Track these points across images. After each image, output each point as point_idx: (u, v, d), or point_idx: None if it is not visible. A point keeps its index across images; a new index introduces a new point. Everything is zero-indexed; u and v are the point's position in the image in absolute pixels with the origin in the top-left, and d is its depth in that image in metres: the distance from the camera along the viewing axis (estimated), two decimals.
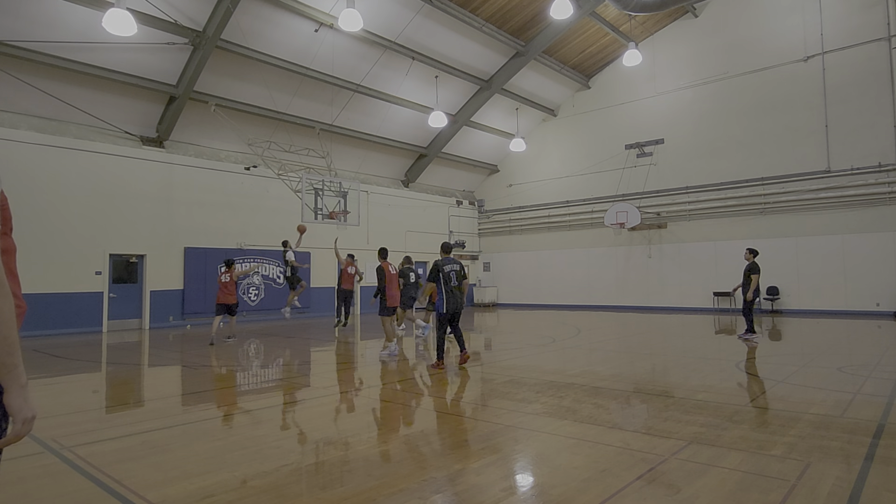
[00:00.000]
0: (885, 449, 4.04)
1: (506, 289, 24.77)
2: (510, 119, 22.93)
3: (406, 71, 18.34)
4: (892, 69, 16.06)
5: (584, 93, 22.89)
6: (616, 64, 21.46)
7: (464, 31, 17.86)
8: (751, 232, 18.29)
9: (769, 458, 3.92)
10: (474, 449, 4.27)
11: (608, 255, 21.71)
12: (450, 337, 10.03)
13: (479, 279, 25.53)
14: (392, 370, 8.34)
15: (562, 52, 20.53)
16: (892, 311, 15.76)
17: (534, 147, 23.93)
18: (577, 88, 22.89)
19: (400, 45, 17.28)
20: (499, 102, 21.74)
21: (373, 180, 21.67)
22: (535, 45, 19.28)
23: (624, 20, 19.08)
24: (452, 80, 19.79)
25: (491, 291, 24.93)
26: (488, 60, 19.75)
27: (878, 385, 6.41)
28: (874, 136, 16.25)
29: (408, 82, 18.92)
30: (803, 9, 17.59)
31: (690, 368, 8.09)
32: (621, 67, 20.96)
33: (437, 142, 22.26)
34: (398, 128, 20.85)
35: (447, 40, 18.01)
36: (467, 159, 24.28)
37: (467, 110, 21.40)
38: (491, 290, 24.95)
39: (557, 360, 9.09)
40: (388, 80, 18.54)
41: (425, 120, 19.90)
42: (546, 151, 23.98)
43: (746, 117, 18.60)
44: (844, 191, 16.67)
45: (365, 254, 21.20)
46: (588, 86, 22.73)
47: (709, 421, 4.95)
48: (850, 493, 3.25)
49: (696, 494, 3.29)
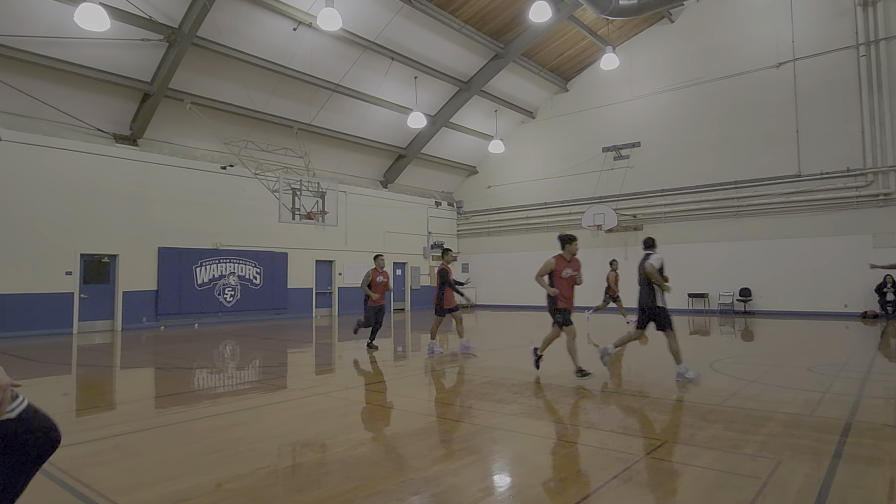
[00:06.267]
0: (852, 447, 4.16)
1: (484, 290, 24.85)
2: (489, 121, 23.03)
3: (385, 71, 18.28)
4: (859, 77, 16.55)
5: (563, 95, 23.10)
6: (594, 67, 21.70)
7: (443, 33, 17.88)
8: (724, 234, 18.66)
9: (742, 456, 4.00)
10: (452, 450, 4.27)
11: (586, 256, 21.75)
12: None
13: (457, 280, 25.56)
14: (372, 371, 8.30)
15: (540, 54, 20.69)
16: (859, 313, 16.22)
17: (512, 149, 24.06)
18: (556, 91, 23.09)
19: (379, 46, 17.23)
20: (478, 104, 21.81)
21: (351, 181, 21.54)
22: (514, 47, 19.40)
23: (602, 24, 19.31)
24: (432, 81, 19.80)
25: (469, 292, 24.93)
26: (468, 62, 19.80)
27: (846, 384, 6.59)
28: (843, 141, 16.72)
29: (387, 83, 18.87)
30: (775, 16, 18.01)
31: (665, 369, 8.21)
32: (599, 71, 21.19)
33: (416, 142, 22.24)
34: (377, 128, 20.77)
35: (427, 41, 18.00)
36: (446, 160, 24.31)
37: (446, 111, 21.42)
38: (469, 291, 24.94)
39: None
40: (368, 80, 18.46)
41: (404, 120, 19.87)
42: (525, 153, 24.13)
43: (721, 121, 18.98)
44: (814, 195, 17.11)
45: (343, 255, 21.08)
46: (566, 88, 22.95)
47: (683, 420, 5.03)
48: (819, 491, 3.33)
49: (670, 493, 3.34)
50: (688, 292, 19.25)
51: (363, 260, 21.77)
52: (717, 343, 11.60)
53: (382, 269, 10.36)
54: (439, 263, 10.14)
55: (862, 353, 9.45)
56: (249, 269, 18.07)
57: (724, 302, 18.48)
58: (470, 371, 8.08)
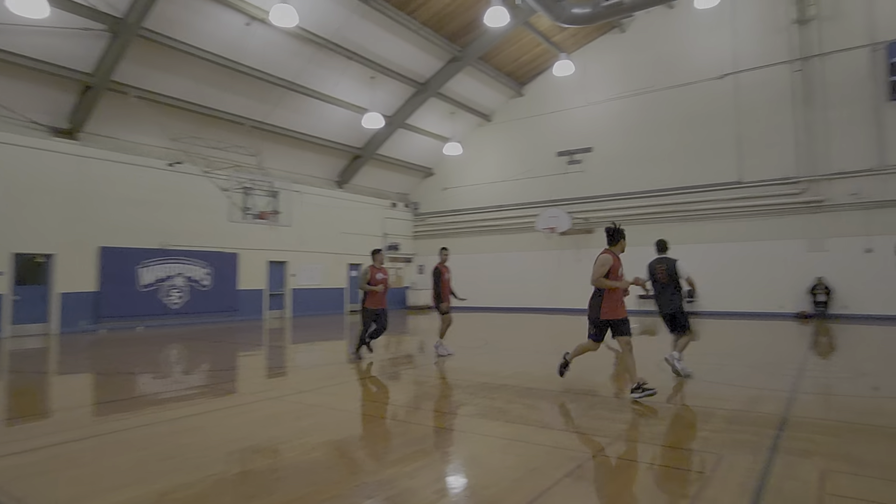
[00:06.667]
0: (787, 440, 4.39)
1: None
2: (446, 123, 23.11)
3: (342, 70, 18.08)
4: (793, 91, 17.53)
5: (518, 100, 23.44)
6: (548, 73, 22.11)
7: (401, 34, 17.83)
8: (672, 238, 19.07)
9: (686, 451, 4.16)
10: (407, 452, 4.25)
11: (540, 258, 22.31)
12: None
13: (414, 282, 25.52)
14: (327, 375, 8.17)
15: (497, 58, 20.94)
16: (794, 313, 17.15)
17: (469, 151, 24.23)
18: (512, 95, 23.41)
19: (335, 45, 17.01)
20: (435, 106, 21.86)
21: (306, 180, 21.16)
22: (471, 50, 19.55)
23: (556, 31, 19.71)
24: (388, 82, 19.70)
25: (425, 294, 24.96)
26: (425, 64, 19.82)
27: (782, 381, 6.96)
28: (780, 151, 17.64)
29: (343, 82, 18.66)
30: (719, 30, 18.85)
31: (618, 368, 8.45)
32: (553, 77, 21.61)
33: (372, 143, 22.08)
34: (333, 127, 20.50)
35: (384, 41, 17.91)
36: (403, 161, 24.24)
37: (403, 112, 21.37)
38: (425, 293, 24.96)
39: (490, 362, 9.23)
40: (324, 78, 18.20)
41: (361, 120, 19.67)
42: (481, 156, 24.35)
43: (669, 129, 19.70)
44: (754, 201, 17.99)
45: (297, 256, 20.69)
46: (522, 93, 23.30)
47: (632, 418, 5.19)
48: (757, 483, 3.51)
49: (619, 489, 3.44)
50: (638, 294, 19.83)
51: (318, 261, 21.45)
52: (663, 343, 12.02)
53: (382, 265, 9.22)
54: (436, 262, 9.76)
55: (796, 351, 10.00)
56: (198, 270, 17.47)
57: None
58: (425, 373, 8.08)
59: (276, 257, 20.10)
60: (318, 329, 15.70)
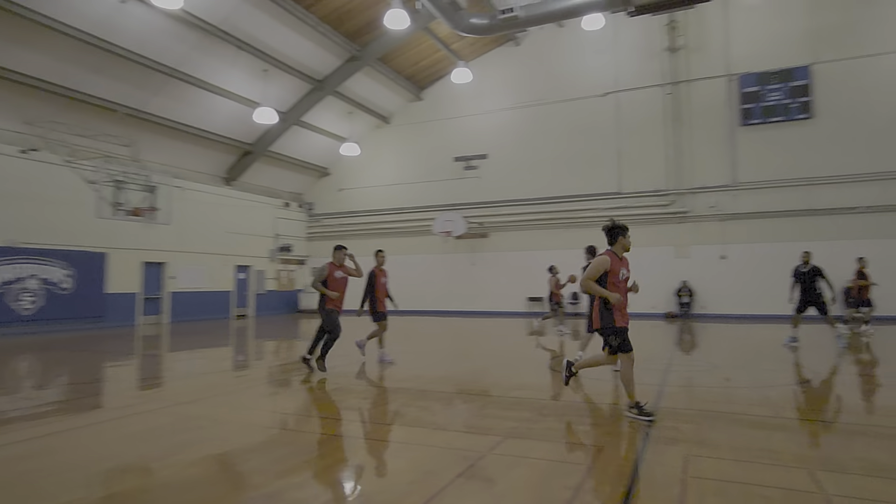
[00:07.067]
0: (657, 430, 4.78)
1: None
2: (343, 122, 22.68)
3: (231, 61, 17.08)
4: (664, 111, 19.34)
5: (417, 104, 23.60)
6: (447, 79, 22.50)
7: (297, 28, 17.23)
8: (560, 243, 20.47)
9: (570, 445, 4.39)
10: (297, 462, 4.07)
11: (437, 262, 22.59)
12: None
13: (307, 285, 24.71)
14: (210, 384, 7.61)
15: (396, 61, 20.93)
16: (663, 313, 18.86)
17: (367, 152, 23.96)
18: (411, 99, 23.52)
19: (224, 32, 16.03)
20: (332, 104, 21.37)
21: (189, 175, 19.69)
22: (371, 51, 19.38)
23: (455, 39, 20.12)
24: (283, 77, 18.94)
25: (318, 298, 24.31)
26: (322, 61, 19.32)
27: (653, 375, 7.59)
28: (653, 166, 19.37)
29: (233, 73, 17.64)
30: (603, 51, 20.31)
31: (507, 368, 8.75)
32: (452, 83, 22.03)
33: (264, 139, 21.08)
34: (221, 121, 19.29)
35: (278, 34, 17.19)
36: (297, 160, 23.41)
37: (298, 109, 20.65)
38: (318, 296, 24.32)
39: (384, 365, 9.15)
40: (211, 68, 17.07)
41: (252, 115, 18.68)
42: (379, 158, 24.18)
43: (558, 141, 20.86)
44: (631, 210, 19.56)
45: (177, 256, 19.18)
46: (421, 97, 23.49)
47: (522, 416, 5.38)
48: (632, 471, 3.78)
49: (510, 486, 3.54)
50: (527, 296, 20.78)
51: (201, 262, 20.02)
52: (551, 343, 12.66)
53: (342, 263, 8.41)
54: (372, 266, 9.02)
55: (664, 348, 10.99)
56: (56, 272, 15.54)
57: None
58: (318, 379, 7.82)
59: (153, 258, 18.47)
60: (200, 335, 14.66)
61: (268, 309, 22.90)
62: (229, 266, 21.32)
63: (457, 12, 14.43)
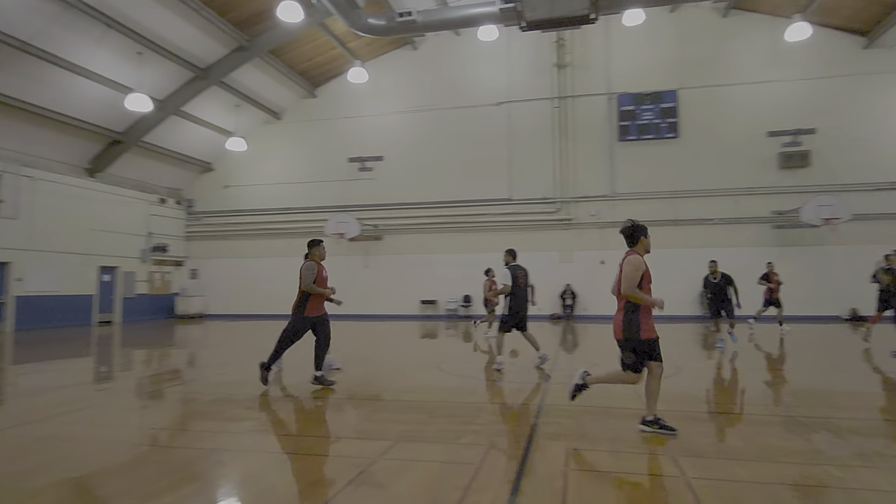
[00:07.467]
0: (542, 426, 4.99)
1: (217, 298, 22.80)
2: (229, 115, 21.36)
3: (97, 39, 15.40)
4: (552, 124, 20.45)
5: (311, 101, 22.88)
6: (343, 78, 22.04)
7: (177, 9, 15.92)
8: (454, 246, 20.86)
9: (460, 446, 4.44)
10: (170, 481, 3.71)
11: (329, 264, 21.87)
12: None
13: (184, 288, 22.93)
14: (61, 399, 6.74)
15: (289, 55, 20.13)
16: (549, 315, 19.87)
17: (255, 148, 22.77)
18: (304, 95, 22.74)
19: (90, 7, 14.40)
20: (217, 96, 20.05)
21: (43, 164, 17.45)
22: (261, 42, 18.45)
23: (352, 38, 19.77)
24: (161, 62, 17.42)
25: (198, 301, 22.65)
26: (206, 48, 18.04)
27: (539, 374, 7.94)
28: (541, 174, 20.37)
29: (100, 53, 15.91)
30: (498, 62, 21.03)
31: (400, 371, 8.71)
32: (347, 82, 21.62)
33: (136, 128, 19.23)
34: (85, 105, 17.30)
35: (155, 15, 15.77)
36: (176, 153, 21.65)
37: (178, 98, 19.11)
38: (198, 300, 22.67)
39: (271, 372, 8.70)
40: (73, 45, 15.25)
41: (123, 101, 16.94)
42: (268, 155, 23.09)
43: (453, 146, 21.24)
44: (520, 216, 20.42)
45: (27, 255, 16.90)
46: (315, 94, 22.80)
47: (414, 418, 5.36)
48: (518, 467, 3.90)
49: (400, 490, 3.49)
50: (420, 299, 20.90)
51: (55, 262, 17.78)
52: (444, 345, 12.83)
53: (322, 260, 7.43)
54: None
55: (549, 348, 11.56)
56: None
57: (450, 308, 20.62)
58: (195, 389, 7.25)
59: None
60: (53, 344, 13.01)
61: (138, 314, 20.91)
62: (92, 267, 19.17)
63: (353, 10, 14.19)
